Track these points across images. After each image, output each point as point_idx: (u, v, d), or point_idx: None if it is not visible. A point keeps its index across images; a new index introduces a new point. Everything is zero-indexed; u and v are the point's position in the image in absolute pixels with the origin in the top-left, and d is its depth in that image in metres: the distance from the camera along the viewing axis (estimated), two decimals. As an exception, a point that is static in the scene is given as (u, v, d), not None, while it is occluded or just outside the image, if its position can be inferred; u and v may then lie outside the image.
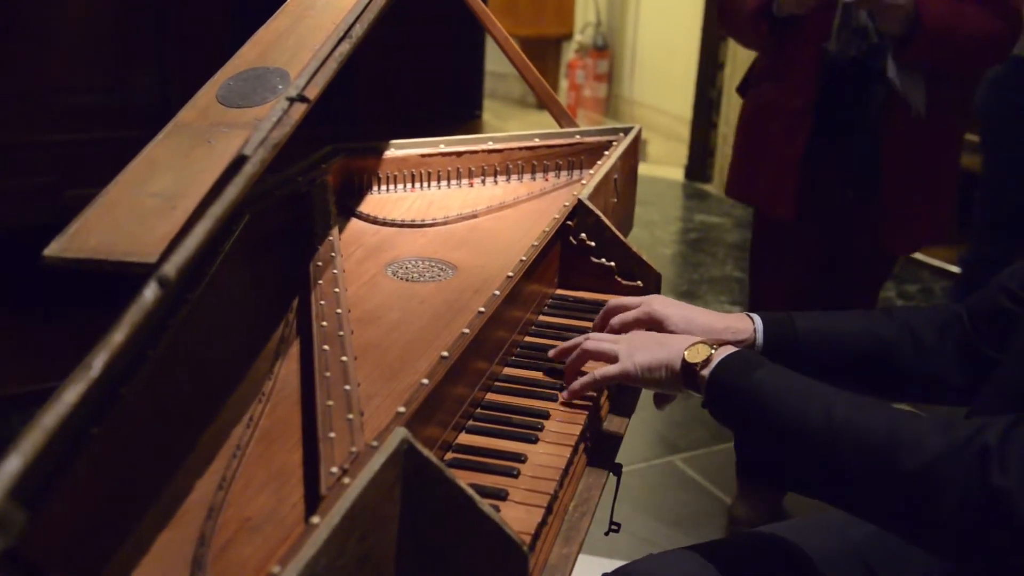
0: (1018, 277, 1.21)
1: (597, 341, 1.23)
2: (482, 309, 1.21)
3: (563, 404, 1.22)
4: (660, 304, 1.30)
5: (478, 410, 1.19)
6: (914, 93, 2.13)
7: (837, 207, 2.34)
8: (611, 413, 1.30)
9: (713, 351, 1.11)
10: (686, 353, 1.12)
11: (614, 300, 1.35)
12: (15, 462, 0.62)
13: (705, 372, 1.10)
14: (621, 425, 1.29)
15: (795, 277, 2.45)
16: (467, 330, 1.15)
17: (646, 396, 1.29)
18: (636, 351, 1.18)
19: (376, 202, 1.68)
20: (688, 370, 1.12)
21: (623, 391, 1.33)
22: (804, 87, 2.24)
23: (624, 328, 1.31)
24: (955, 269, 4.09)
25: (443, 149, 1.75)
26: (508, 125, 6.03)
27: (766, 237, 2.52)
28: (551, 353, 1.29)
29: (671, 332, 1.28)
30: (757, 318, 1.28)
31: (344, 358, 1.03)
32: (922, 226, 2.32)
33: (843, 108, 2.24)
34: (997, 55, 2.21)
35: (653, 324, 1.29)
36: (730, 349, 1.11)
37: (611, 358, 1.20)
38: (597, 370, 1.20)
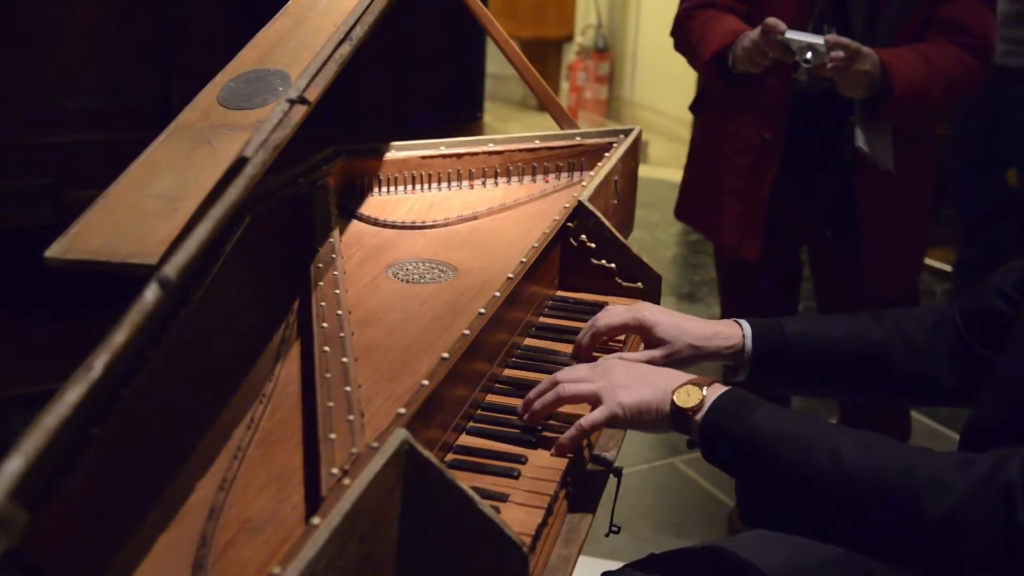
0: (1011, 277, 1.20)
1: (573, 384, 1.12)
2: (482, 311, 1.21)
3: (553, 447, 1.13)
4: (649, 311, 1.27)
5: (478, 411, 1.19)
6: (882, 152, 1.99)
7: (816, 248, 2.22)
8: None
9: (704, 393, 1.05)
10: (675, 397, 1.06)
11: (600, 313, 1.32)
12: (17, 462, 0.63)
13: (698, 417, 1.04)
14: (615, 438, 1.27)
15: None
16: (467, 331, 1.15)
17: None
18: (619, 390, 1.09)
19: (377, 204, 1.68)
20: (679, 414, 1.06)
21: None
22: (773, 118, 2.07)
23: (611, 332, 1.29)
24: (956, 270, 4.09)
25: (444, 151, 1.76)
26: (509, 127, 6.03)
27: (731, 277, 2.38)
28: (522, 412, 1.16)
29: (660, 339, 1.25)
30: (746, 324, 1.27)
31: (345, 359, 1.03)
32: (906, 262, 2.19)
33: (815, 141, 2.08)
34: (971, 93, 2.07)
35: (642, 330, 1.28)
36: (720, 389, 1.06)
37: (591, 400, 1.11)
38: (583, 419, 1.10)
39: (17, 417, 2.29)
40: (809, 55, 1.86)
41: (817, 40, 1.87)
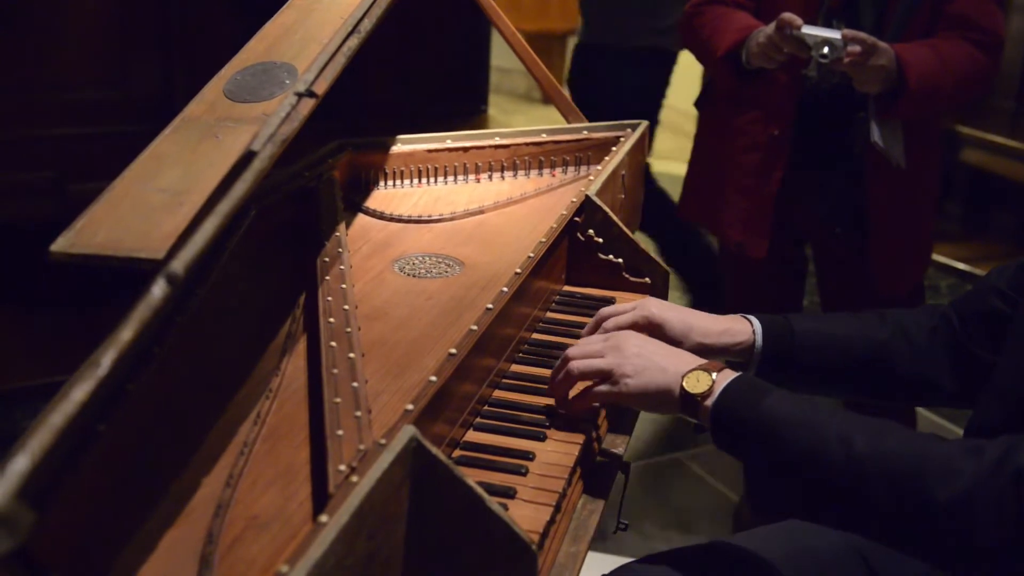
0: (1007, 276, 1.19)
1: (584, 360, 1.13)
2: (490, 306, 1.20)
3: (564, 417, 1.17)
4: (656, 307, 1.25)
5: (486, 407, 1.18)
6: (894, 147, 1.97)
7: (823, 245, 2.22)
8: (611, 432, 1.26)
9: (714, 378, 1.05)
10: (685, 382, 1.06)
11: (606, 309, 1.30)
12: (23, 461, 0.62)
13: (708, 402, 1.04)
14: (623, 436, 1.27)
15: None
16: (475, 327, 1.14)
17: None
18: (629, 370, 1.09)
19: (383, 197, 1.67)
20: (688, 399, 1.05)
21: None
22: (782, 114, 2.06)
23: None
24: (961, 266, 4.08)
25: (450, 144, 1.75)
26: (514, 120, 6.02)
27: (736, 273, 2.37)
28: (548, 393, 1.19)
29: (669, 337, 1.23)
30: (755, 320, 1.26)
31: (351, 355, 1.02)
32: (914, 259, 2.18)
33: (824, 138, 2.07)
34: (981, 90, 2.06)
35: (650, 328, 1.24)
36: (730, 375, 1.06)
37: (602, 375, 1.12)
38: (590, 390, 1.13)
39: (19, 411, 2.29)
40: (826, 50, 1.85)
41: (834, 35, 1.85)
